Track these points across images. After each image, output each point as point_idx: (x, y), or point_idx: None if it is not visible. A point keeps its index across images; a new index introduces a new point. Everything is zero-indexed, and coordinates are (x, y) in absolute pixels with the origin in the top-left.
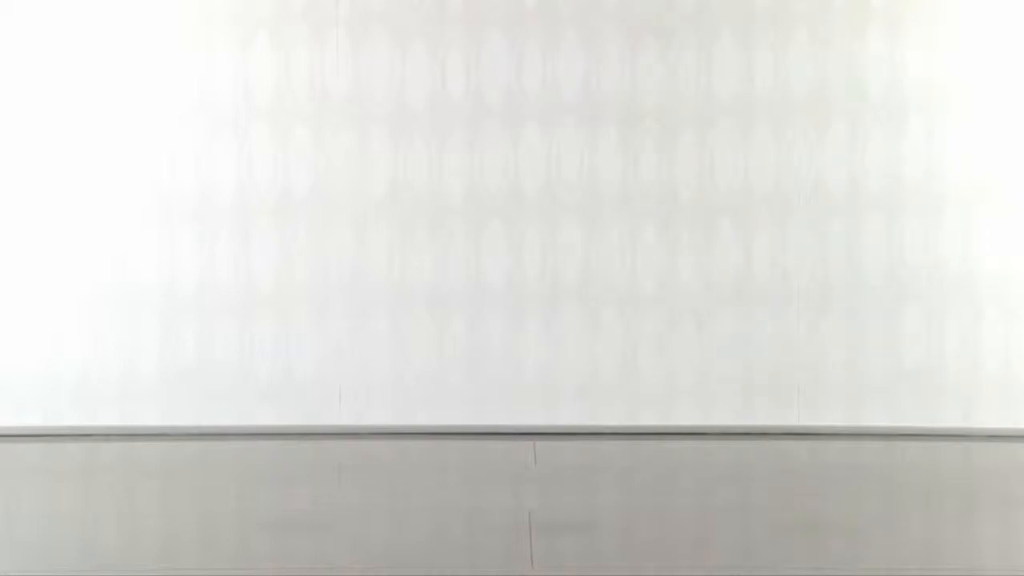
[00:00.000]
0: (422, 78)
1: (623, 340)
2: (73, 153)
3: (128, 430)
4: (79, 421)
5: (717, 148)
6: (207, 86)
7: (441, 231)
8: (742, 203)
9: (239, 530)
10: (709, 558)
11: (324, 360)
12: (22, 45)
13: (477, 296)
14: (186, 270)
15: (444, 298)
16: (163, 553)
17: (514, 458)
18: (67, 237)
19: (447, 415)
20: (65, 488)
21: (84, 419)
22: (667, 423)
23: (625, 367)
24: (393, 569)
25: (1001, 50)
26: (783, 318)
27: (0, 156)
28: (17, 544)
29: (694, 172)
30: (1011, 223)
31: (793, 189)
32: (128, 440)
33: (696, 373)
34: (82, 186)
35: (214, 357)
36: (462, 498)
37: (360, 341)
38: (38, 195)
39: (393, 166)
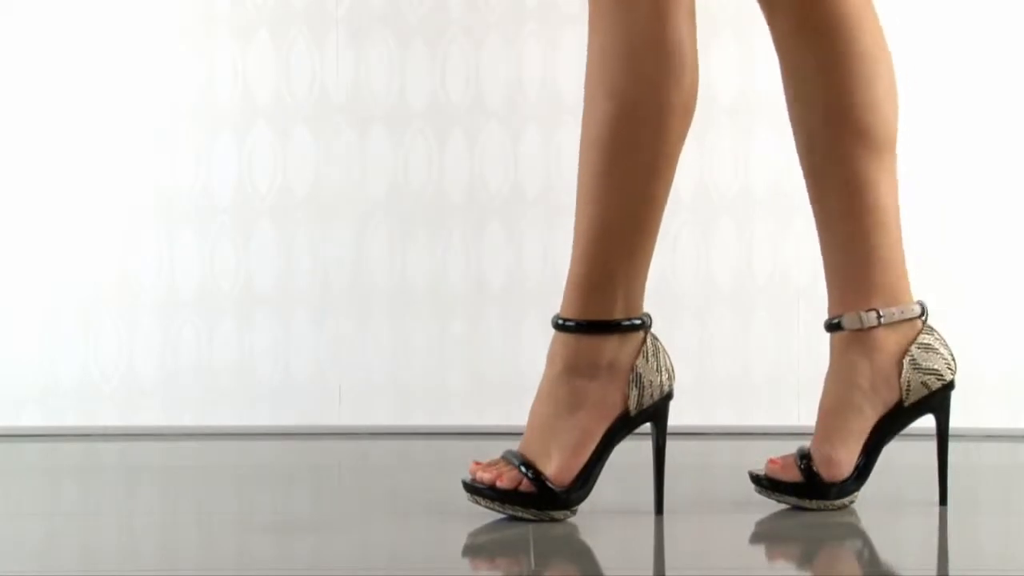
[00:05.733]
0: (422, 78)
1: None
2: (71, 152)
3: (128, 430)
4: (79, 421)
5: (717, 148)
6: (206, 86)
7: (441, 231)
8: (742, 203)
9: (239, 531)
10: (710, 559)
11: (324, 360)
12: (21, 45)
13: (477, 296)
14: (186, 270)
15: (444, 298)
16: (162, 554)
17: None
18: (66, 237)
19: (447, 415)
20: (65, 488)
21: (84, 419)
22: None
23: None
24: (394, 569)
25: (1005, 49)
26: (783, 318)
27: None
28: (16, 544)
29: (694, 172)
30: (1012, 223)
31: (793, 189)
32: (128, 440)
33: (696, 373)
34: (81, 186)
35: (214, 357)
36: (461, 498)
37: (360, 341)
38: (37, 194)
39: (393, 166)
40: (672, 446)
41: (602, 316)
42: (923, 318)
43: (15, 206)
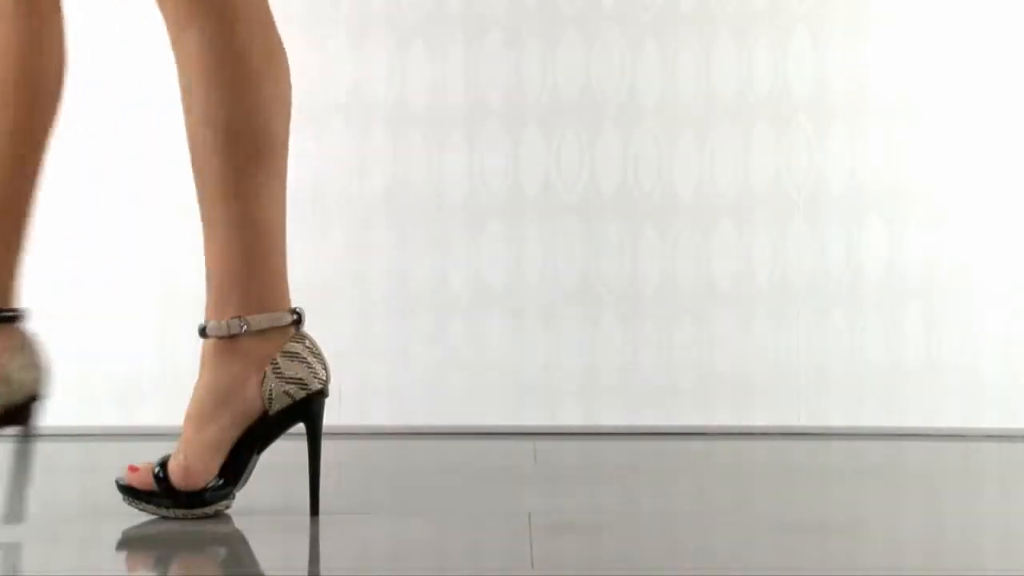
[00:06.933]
0: (422, 78)
1: (623, 340)
2: (72, 152)
3: (128, 430)
4: (79, 421)
5: (717, 148)
6: None
7: (441, 231)
8: (742, 203)
9: (239, 531)
10: (711, 559)
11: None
12: None
13: (477, 296)
14: (186, 271)
15: (444, 298)
16: (161, 554)
17: (514, 458)
18: (66, 237)
19: (447, 415)
20: (65, 488)
21: (85, 419)
22: (667, 423)
23: (625, 367)
24: (393, 569)
25: (1003, 51)
26: (783, 318)
27: None
28: (17, 544)
29: (694, 172)
30: (1012, 223)
31: (793, 189)
32: (128, 440)
33: (696, 373)
34: (81, 186)
35: None
36: (461, 498)
37: (360, 341)
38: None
39: (394, 166)
40: (672, 446)
41: None
42: (297, 326)
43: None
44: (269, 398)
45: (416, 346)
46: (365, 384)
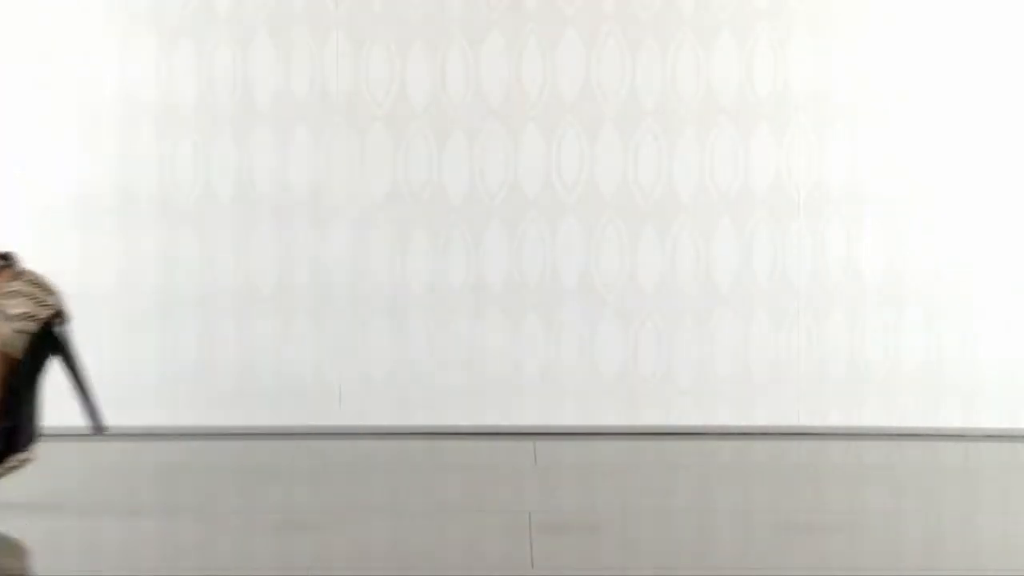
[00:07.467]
0: (422, 78)
1: (623, 340)
2: (71, 151)
3: (128, 430)
4: (80, 421)
5: (717, 148)
6: (206, 85)
7: (441, 231)
8: (742, 203)
9: (239, 531)
10: (711, 559)
11: (324, 360)
12: (18, 44)
13: (477, 296)
14: (186, 270)
15: (443, 298)
16: (163, 554)
17: (514, 458)
18: (66, 237)
19: (447, 415)
20: (66, 488)
21: (83, 419)
22: (667, 423)
23: (625, 367)
24: (393, 570)
25: (1003, 51)
26: (783, 318)
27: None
28: (18, 544)
29: (694, 172)
30: (1012, 223)
31: (793, 189)
32: (129, 440)
33: (696, 373)
34: (81, 186)
35: (214, 357)
36: (460, 498)
37: (360, 341)
38: (37, 195)
39: (393, 166)
40: (672, 446)
41: None
42: (10, 268)
43: (15, 206)
44: (11, 344)
45: (416, 346)
46: (365, 384)
